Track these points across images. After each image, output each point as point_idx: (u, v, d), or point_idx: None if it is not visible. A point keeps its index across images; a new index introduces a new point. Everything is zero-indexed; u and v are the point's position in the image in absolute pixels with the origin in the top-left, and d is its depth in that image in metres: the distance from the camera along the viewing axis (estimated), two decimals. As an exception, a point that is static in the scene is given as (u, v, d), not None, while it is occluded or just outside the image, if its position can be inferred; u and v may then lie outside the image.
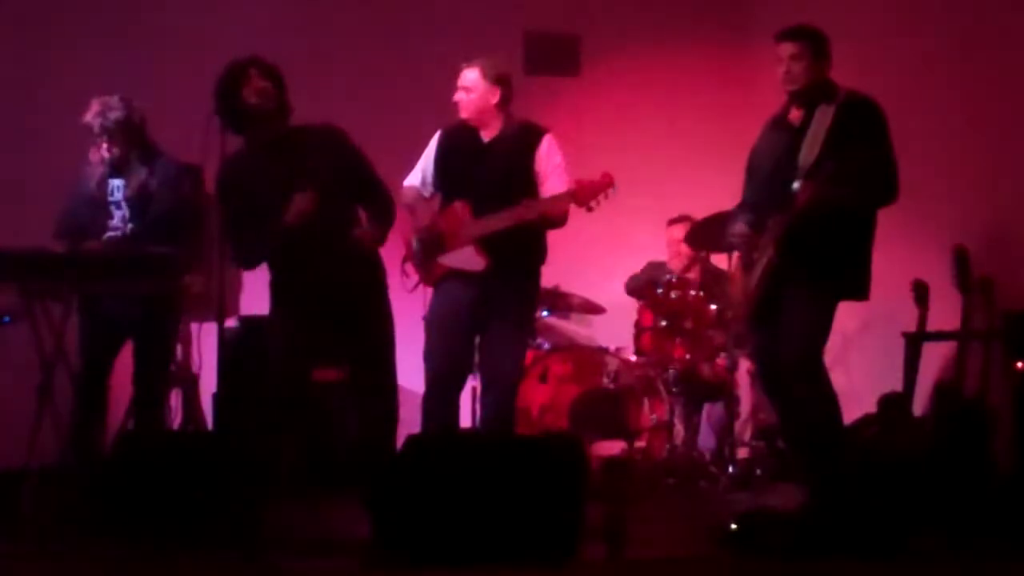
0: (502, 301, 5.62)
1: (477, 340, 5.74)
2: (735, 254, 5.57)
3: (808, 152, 5.08)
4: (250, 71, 4.97)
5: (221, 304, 5.21)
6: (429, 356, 5.69)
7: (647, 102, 7.84)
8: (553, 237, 7.09)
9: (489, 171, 5.62)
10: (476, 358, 5.85)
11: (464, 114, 5.68)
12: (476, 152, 5.68)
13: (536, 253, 5.76)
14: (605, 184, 5.58)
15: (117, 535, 4.94)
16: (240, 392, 5.94)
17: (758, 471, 6.66)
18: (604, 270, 7.53)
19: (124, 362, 5.75)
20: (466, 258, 5.56)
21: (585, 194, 5.55)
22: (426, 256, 5.65)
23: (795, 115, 5.23)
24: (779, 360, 5.18)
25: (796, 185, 5.06)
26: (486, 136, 5.70)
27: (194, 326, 6.42)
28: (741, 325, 5.87)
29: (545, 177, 5.67)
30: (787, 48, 5.17)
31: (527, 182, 5.63)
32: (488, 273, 5.55)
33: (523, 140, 5.69)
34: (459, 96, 5.68)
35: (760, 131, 5.42)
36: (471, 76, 5.67)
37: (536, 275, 5.82)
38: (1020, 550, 4.84)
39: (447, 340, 5.62)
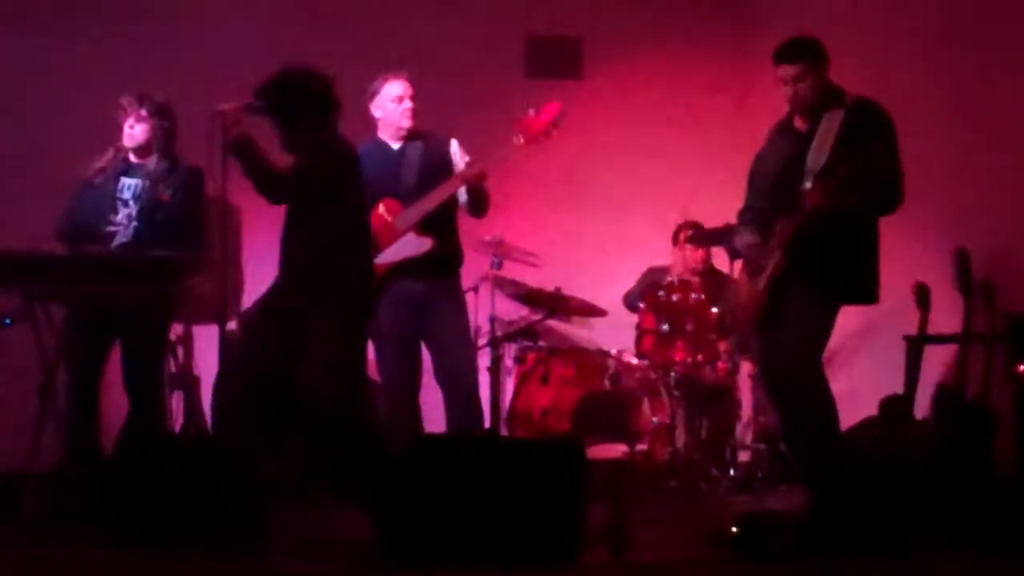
0: (444, 296, 5.82)
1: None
2: (739, 262, 5.56)
3: (816, 156, 5.06)
4: None
5: (222, 306, 5.21)
6: (385, 367, 5.78)
7: (649, 105, 7.84)
8: (553, 239, 7.11)
9: (409, 171, 5.83)
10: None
11: (413, 122, 5.86)
12: (391, 159, 5.87)
13: (459, 244, 5.96)
14: (552, 112, 5.70)
15: (118, 538, 4.94)
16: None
17: (759, 474, 6.66)
18: (605, 273, 7.53)
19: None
20: (409, 245, 5.70)
21: (532, 130, 5.68)
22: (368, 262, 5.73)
23: (801, 121, 5.21)
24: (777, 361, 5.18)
25: (807, 185, 5.04)
26: (395, 146, 5.91)
27: (196, 329, 6.42)
28: (745, 330, 5.84)
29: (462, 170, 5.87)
30: (788, 70, 5.10)
31: (446, 176, 5.83)
32: (432, 258, 5.68)
33: (434, 142, 5.92)
34: (412, 105, 5.84)
35: (767, 138, 5.39)
36: (413, 87, 5.86)
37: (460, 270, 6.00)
38: (1020, 552, 4.84)
39: (401, 349, 5.73)
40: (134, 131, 5.63)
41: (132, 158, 5.68)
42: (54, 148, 6.41)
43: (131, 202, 5.62)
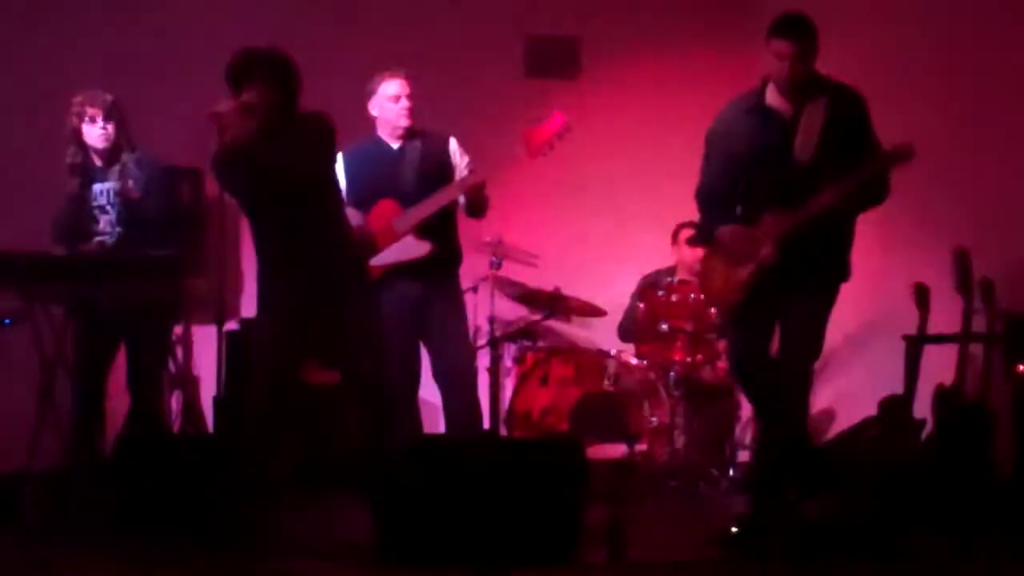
0: (443, 297, 5.82)
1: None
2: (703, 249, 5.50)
3: (803, 147, 5.02)
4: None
5: (221, 307, 5.22)
6: (387, 368, 5.75)
7: (647, 105, 7.83)
8: (553, 240, 7.09)
9: (408, 171, 5.81)
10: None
11: (411, 121, 5.84)
12: (390, 158, 5.85)
13: (458, 245, 5.94)
14: (556, 125, 5.68)
15: (118, 538, 4.94)
16: (241, 395, 5.94)
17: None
18: (605, 273, 7.52)
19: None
20: (407, 247, 5.71)
21: (536, 140, 5.67)
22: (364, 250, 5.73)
23: (782, 105, 5.11)
24: (786, 362, 5.13)
25: (798, 177, 5.00)
26: (394, 145, 5.89)
27: (195, 329, 6.43)
28: (722, 317, 5.72)
29: (461, 171, 5.88)
30: (791, 47, 4.99)
31: (446, 175, 5.84)
32: (431, 259, 5.68)
33: (433, 141, 5.90)
34: (410, 104, 5.81)
35: (726, 113, 5.27)
36: (411, 86, 5.84)
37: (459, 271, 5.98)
38: (1020, 551, 4.84)
39: (400, 349, 5.72)
40: (106, 131, 5.60)
41: (96, 162, 5.67)
42: (52, 149, 6.40)
43: (108, 208, 5.62)
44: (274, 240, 4.97)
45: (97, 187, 5.64)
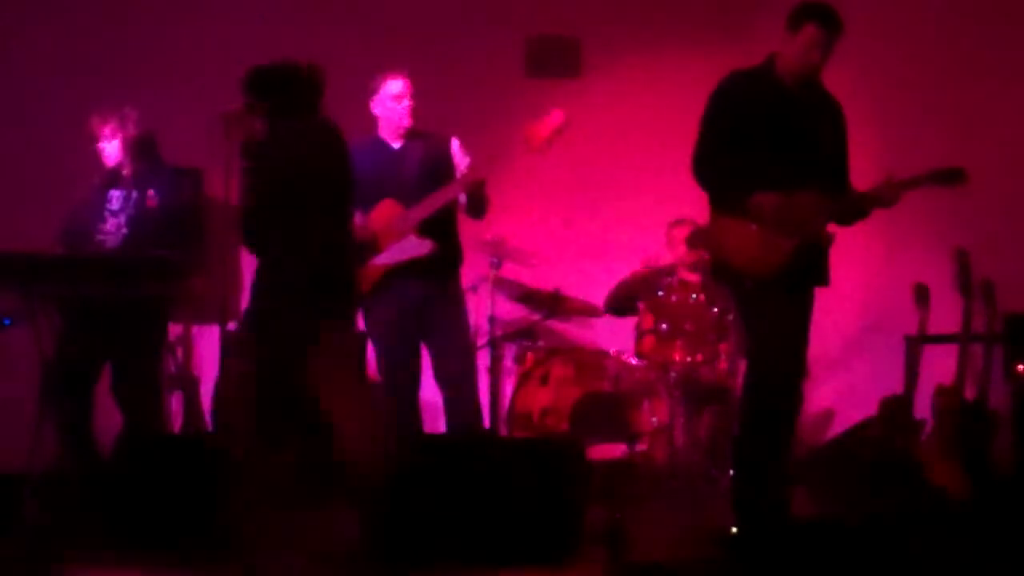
0: (444, 296, 5.81)
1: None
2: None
3: (824, 138, 5.02)
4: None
5: (222, 307, 5.22)
6: (385, 367, 5.76)
7: (648, 104, 7.83)
8: (553, 240, 7.07)
9: (409, 170, 5.81)
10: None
11: (412, 121, 5.85)
12: (390, 158, 5.87)
13: (459, 245, 5.95)
14: (556, 120, 5.69)
15: (116, 540, 4.94)
16: (240, 396, 5.93)
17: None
18: (605, 273, 7.52)
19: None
20: (409, 246, 5.71)
21: (535, 137, 5.68)
22: (360, 261, 5.72)
23: (796, 90, 5.04)
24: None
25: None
26: (395, 145, 5.89)
27: (195, 329, 6.42)
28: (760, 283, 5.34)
29: (462, 172, 5.88)
30: (825, 35, 4.91)
31: (447, 175, 5.84)
32: (433, 257, 5.68)
33: (434, 141, 5.91)
34: (412, 104, 5.84)
35: (737, 85, 5.14)
36: (413, 86, 5.86)
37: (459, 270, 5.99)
38: (1020, 551, 4.84)
39: (400, 349, 5.71)
40: (109, 150, 5.68)
41: (120, 169, 5.71)
42: (53, 149, 6.42)
43: (120, 213, 5.64)
44: (269, 242, 4.96)
45: (112, 192, 5.68)
